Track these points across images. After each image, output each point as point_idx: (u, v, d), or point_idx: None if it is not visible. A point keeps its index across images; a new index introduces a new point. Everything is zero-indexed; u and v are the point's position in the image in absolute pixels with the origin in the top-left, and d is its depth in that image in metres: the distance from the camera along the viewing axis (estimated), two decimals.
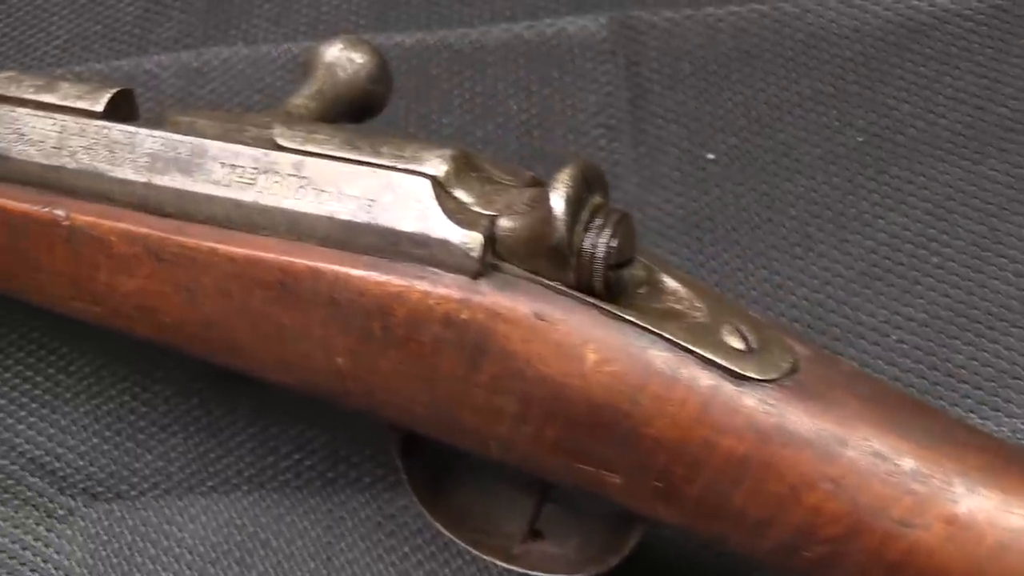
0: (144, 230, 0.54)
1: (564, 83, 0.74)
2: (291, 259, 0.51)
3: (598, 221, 0.48)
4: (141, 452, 0.68)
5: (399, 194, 0.50)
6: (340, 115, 0.60)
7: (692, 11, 0.75)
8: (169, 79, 0.78)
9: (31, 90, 0.57)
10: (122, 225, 0.54)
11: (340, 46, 0.61)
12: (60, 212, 0.55)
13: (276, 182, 0.52)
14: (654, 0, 0.76)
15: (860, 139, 0.70)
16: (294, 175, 0.51)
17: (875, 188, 0.69)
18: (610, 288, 0.49)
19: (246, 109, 0.74)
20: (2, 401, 0.70)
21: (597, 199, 0.49)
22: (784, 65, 0.73)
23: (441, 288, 0.49)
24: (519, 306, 0.48)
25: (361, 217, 0.50)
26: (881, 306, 0.65)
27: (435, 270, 0.49)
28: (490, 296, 0.48)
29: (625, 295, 0.50)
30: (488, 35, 0.77)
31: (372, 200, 0.50)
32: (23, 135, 0.56)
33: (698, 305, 0.50)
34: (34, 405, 0.70)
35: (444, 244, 0.49)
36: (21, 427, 0.69)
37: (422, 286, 0.49)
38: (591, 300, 0.48)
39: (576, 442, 0.49)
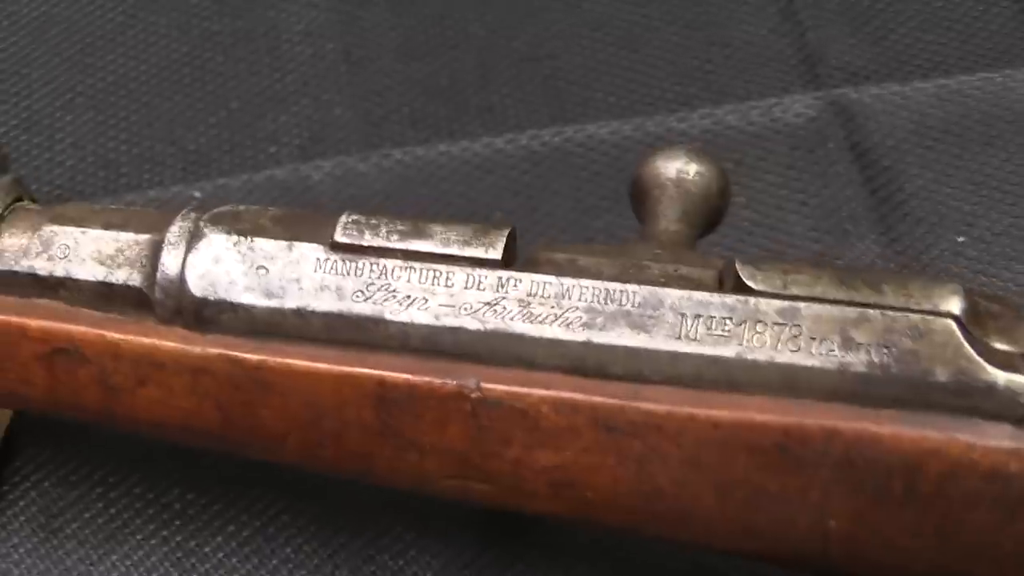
0: (591, 398, 0.46)
1: (783, 173, 0.70)
2: (799, 420, 0.45)
3: None
4: None
5: (924, 339, 0.45)
6: (701, 235, 0.55)
7: (900, 87, 0.72)
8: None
9: (395, 237, 0.48)
10: (557, 393, 0.47)
11: (684, 159, 0.55)
12: (469, 382, 0.47)
13: (760, 332, 0.45)
14: (859, 77, 0.73)
15: None
16: (783, 323, 0.45)
17: None
18: None
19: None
20: None
21: None
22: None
23: (987, 440, 0.44)
24: None
25: (879, 367, 0.45)
26: None
27: (974, 420, 0.44)
28: None
29: None
30: (687, 121, 0.71)
31: (889, 347, 0.45)
32: (395, 292, 0.48)
33: None
34: None
35: (987, 391, 0.44)
36: None
37: (964, 438, 0.44)
38: None
39: None
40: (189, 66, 0.75)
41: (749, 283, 0.46)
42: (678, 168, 0.55)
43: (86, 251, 0.51)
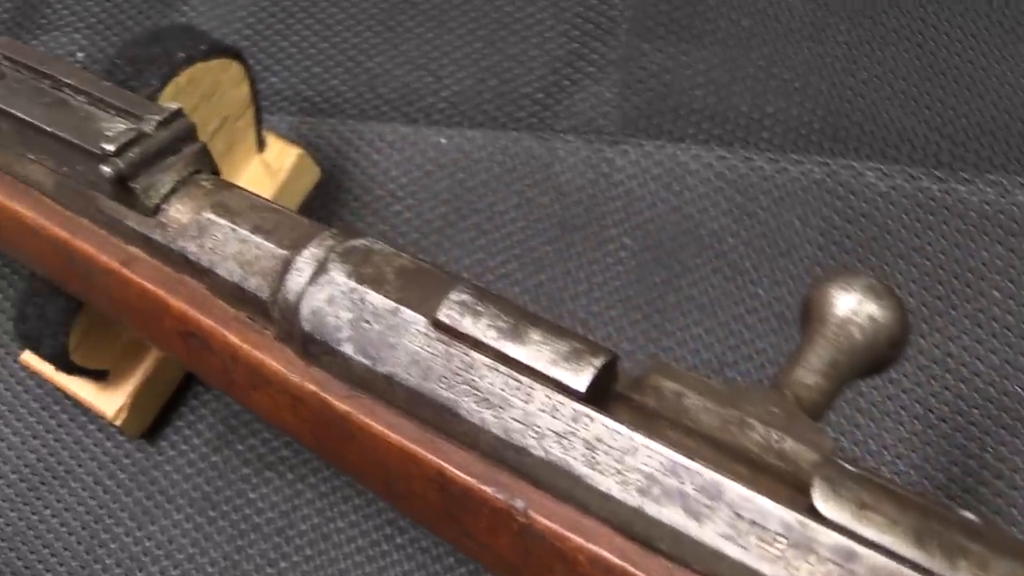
0: (627, 567, 0.43)
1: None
2: None
3: None
4: None
5: None
6: (849, 381, 0.49)
7: None
8: (576, 164, 0.67)
9: (492, 333, 0.46)
10: (596, 549, 0.44)
11: (859, 297, 0.49)
12: (519, 504, 0.45)
13: (811, 564, 0.41)
14: None
15: None
16: (836, 563, 0.40)
17: None
18: None
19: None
20: None
21: None
22: None
23: None
24: None
25: None
26: None
27: None
28: None
29: None
30: (970, 185, 0.63)
31: None
32: (477, 391, 0.46)
33: None
34: None
35: None
36: None
37: None
38: None
39: None
40: (490, 5, 0.73)
41: (819, 505, 0.41)
42: (850, 307, 0.49)
43: (231, 250, 0.52)
